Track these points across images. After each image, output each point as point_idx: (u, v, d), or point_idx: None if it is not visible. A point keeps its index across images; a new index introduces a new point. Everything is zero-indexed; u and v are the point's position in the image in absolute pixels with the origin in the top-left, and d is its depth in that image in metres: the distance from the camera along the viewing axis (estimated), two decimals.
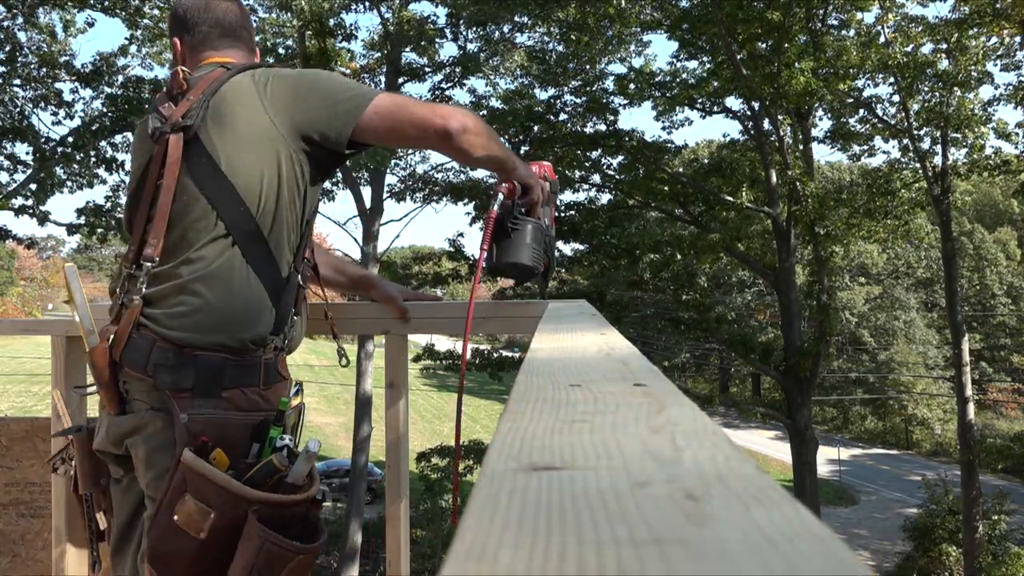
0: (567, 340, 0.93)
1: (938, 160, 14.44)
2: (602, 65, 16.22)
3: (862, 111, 15.15)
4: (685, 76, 15.22)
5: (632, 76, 14.76)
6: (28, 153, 12.67)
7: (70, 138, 12.72)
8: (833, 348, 25.95)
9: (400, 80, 15.37)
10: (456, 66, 14.85)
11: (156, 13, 12.46)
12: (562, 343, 0.90)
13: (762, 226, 15.14)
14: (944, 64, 13.56)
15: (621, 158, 14.94)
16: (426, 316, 1.81)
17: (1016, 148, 14.27)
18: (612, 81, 15.11)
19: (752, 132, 14.52)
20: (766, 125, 13.87)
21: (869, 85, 14.77)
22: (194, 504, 1.25)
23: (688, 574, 0.22)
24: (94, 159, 12.97)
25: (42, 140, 12.62)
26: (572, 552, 0.24)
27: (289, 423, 1.42)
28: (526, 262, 1.58)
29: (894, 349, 34.68)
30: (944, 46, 13.60)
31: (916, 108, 13.89)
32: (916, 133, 14.12)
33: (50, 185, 12.64)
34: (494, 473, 0.32)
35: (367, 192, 15.88)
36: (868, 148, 16.02)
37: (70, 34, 13.14)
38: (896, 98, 14.28)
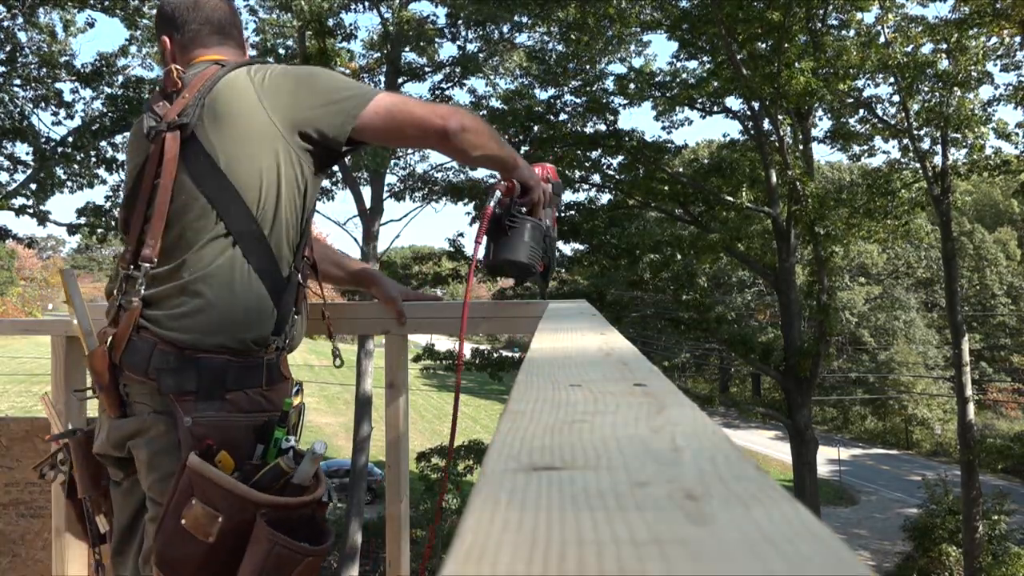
0: (567, 340, 0.93)
1: (938, 160, 14.44)
2: (602, 65, 16.23)
3: (862, 111, 15.15)
4: (685, 76, 15.22)
5: (632, 76, 14.76)
6: (28, 153, 12.70)
7: (70, 138, 12.73)
8: (833, 348, 25.96)
9: (400, 80, 15.37)
10: (456, 66, 14.85)
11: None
12: (562, 343, 0.89)
13: (762, 226, 15.14)
14: (944, 64, 13.56)
15: (621, 158, 14.94)
16: (426, 316, 1.81)
17: (1016, 148, 14.28)
18: (612, 81, 15.13)
19: (752, 132, 14.52)
20: (766, 125, 13.87)
21: (869, 85, 14.79)
22: (201, 508, 1.25)
23: (688, 574, 0.22)
24: (94, 159, 12.99)
25: (42, 140, 12.63)
26: (572, 552, 0.24)
27: (291, 423, 1.41)
28: (523, 260, 1.57)
29: (894, 349, 34.68)
30: (944, 46, 13.60)
31: (916, 108, 13.89)
32: (916, 133, 14.12)
33: (50, 185, 12.65)
34: (494, 473, 0.32)
35: (367, 192, 15.87)
36: (868, 148, 16.02)
37: (70, 34, 13.14)
38: (896, 98, 14.29)
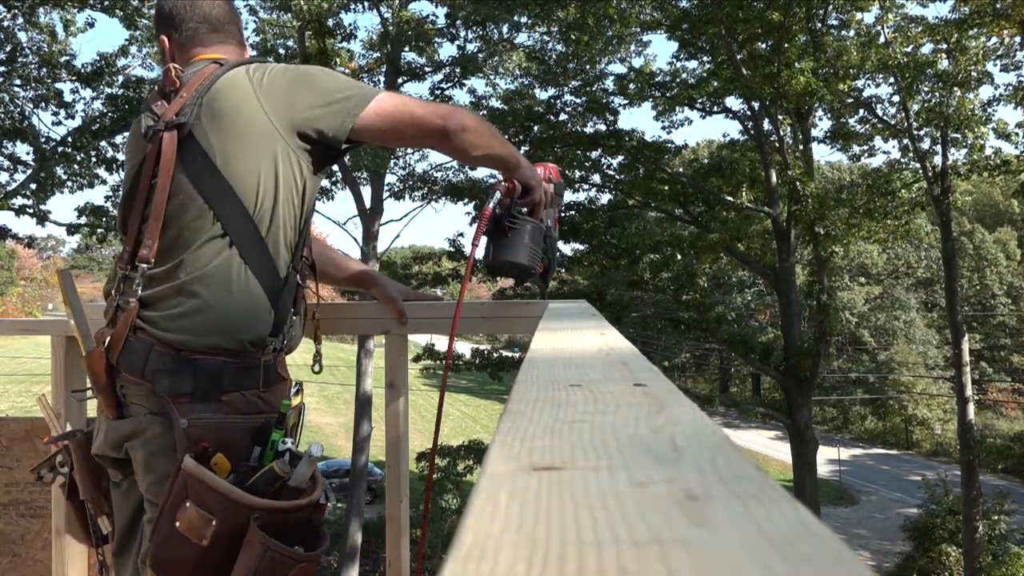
0: (567, 340, 0.92)
1: (938, 160, 14.44)
2: (602, 65, 16.24)
3: (862, 111, 15.15)
4: (685, 76, 15.22)
5: (632, 76, 14.76)
6: (28, 153, 12.71)
7: (70, 138, 12.73)
8: (833, 348, 25.95)
9: (400, 80, 15.37)
10: (456, 66, 14.85)
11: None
12: (562, 343, 0.89)
13: (762, 226, 15.14)
14: (944, 64, 13.55)
15: (621, 158, 14.94)
16: (426, 316, 1.81)
17: (1016, 148, 14.29)
18: (612, 81, 15.13)
19: (752, 132, 14.52)
20: (766, 125, 13.88)
21: (869, 85, 14.79)
22: (195, 511, 1.24)
23: (688, 574, 0.22)
24: (94, 159, 13.00)
25: (42, 140, 12.63)
26: (572, 552, 0.24)
27: (289, 424, 1.40)
28: (522, 261, 1.57)
29: (894, 349, 34.68)
30: (944, 46, 13.60)
31: (916, 108, 13.89)
32: (916, 133, 14.12)
33: (50, 185, 12.65)
34: (494, 473, 0.32)
35: (367, 192, 15.87)
36: (868, 148, 16.02)
37: (70, 33, 13.15)
38: (896, 98, 14.29)
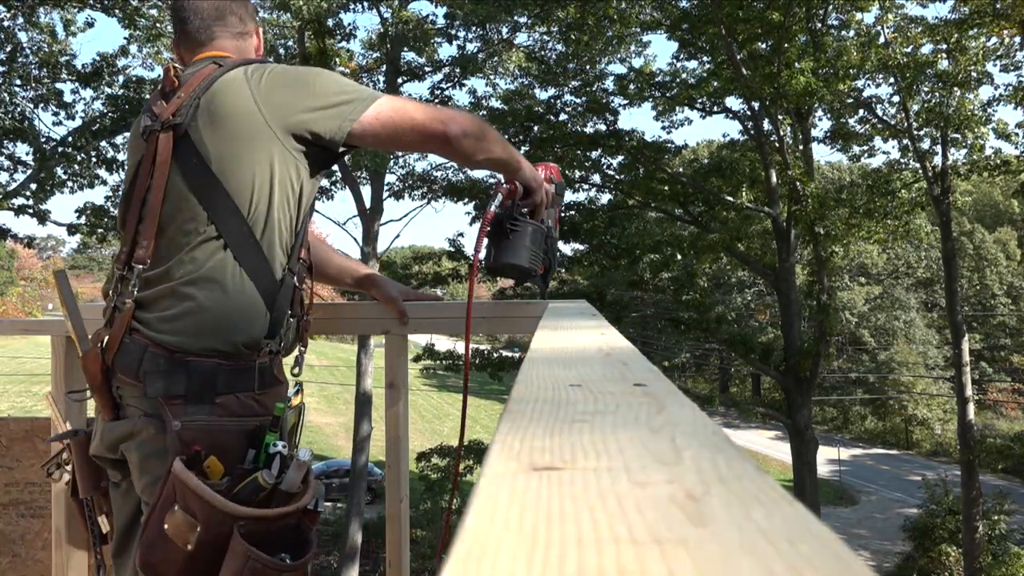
0: (567, 340, 0.93)
1: (938, 160, 14.44)
2: (602, 65, 16.24)
3: (862, 111, 15.14)
4: (685, 76, 15.23)
5: (632, 76, 14.77)
6: (28, 153, 12.70)
7: (70, 138, 12.73)
8: (833, 348, 25.96)
9: (399, 80, 15.37)
10: (455, 66, 14.84)
11: (154, 13, 12.46)
12: (562, 343, 0.89)
13: (762, 226, 15.14)
14: (944, 64, 13.56)
15: (621, 158, 14.95)
16: (426, 316, 1.81)
17: (1016, 148, 14.29)
18: (612, 81, 15.14)
19: (752, 132, 14.52)
20: (766, 125, 13.88)
21: (869, 85, 14.79)
22: (182, 516, 1.23)
23: (688, 574, 0.22)
24: (94, 159, 12.99)
25: (42, 140, 12.63)
26: (572, 552, 0.24)
27: (287, 426, 1.39)
28: (523, 264, 1.58)
29: (894, 349, 34.69)
30: (944, 46, 13.60)
31: (916, 108, 13.89)
32: (916, 133, 14.12)
33: (50, 185, 12.65)
34: (494, 473, 0.32)
35: (367, 192, 15.87)
36: (868, 148, 16.02)
37: (70, 33, 13.15)
38: (896, 98, 14.29)
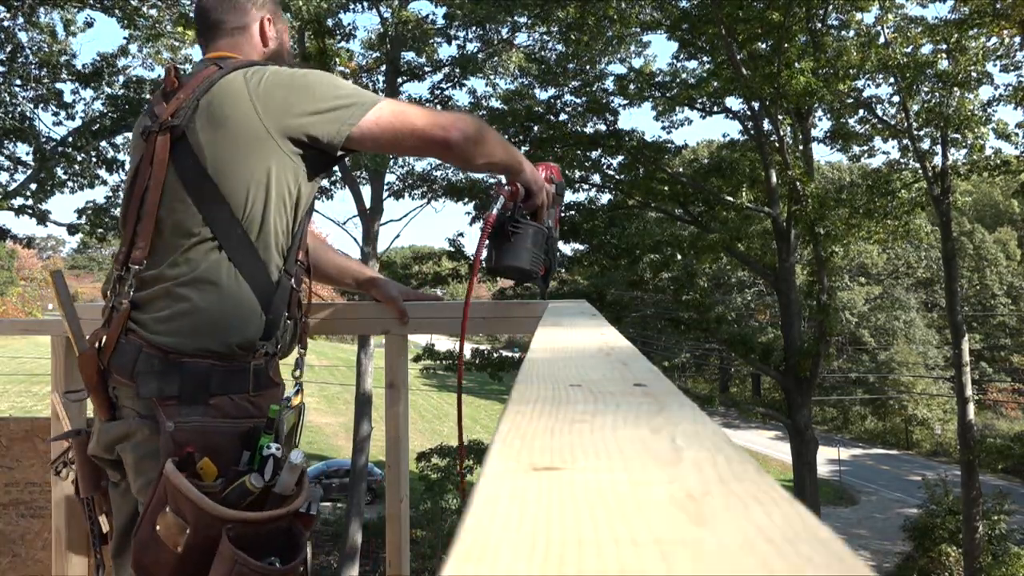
0: (567, 340, 0.93)
1: (938, 160, 14.44)
2: (602, 65, 16.24)
3: (862, 111, 15.14)
4: (685, 76, 15.23)
5: (632, 76, 14.76)
6: (28, 153, 12.70)
7: (70, 138, 12.73)
8: (833, 348, 25.95)
9: (399, 80, 15.37)
10: (455, 66, 14.84)
11: (154, 13, 12.46)
12: (562, 343, 0.89)
13: (762, 226, 15.14)
14: (944, 64, 13.55)
15: (621, 158, 14.95)
16: (426, 316, 1.81)
17: (1016, 148, 14.28)
18: (612, 81, 15.13)
19: (752, 132, 14.52)
20: (766, 125, 13.88)
21: (869, 85, 14.79)
22: (172, 518, 1.23)
23: (688, 574, 0.22)
24: (94, 159, 12.99)
25: (42, 140, 12.63)
26: (572, 552, 0.24)
27: (284, 428, 1.38)
28: (524, 266, 1.59)
29: (894, 349, 34.69)
30: (944, 46, 13.60)
31: (916, 108, 13.89)
32: (916, 133, 14.12)
33: (50, 185, 12.65)
34: (494, 473, 0.32)
35: (367, 192, 15.87)
36: (868, 148, 16.02)
37: (70, 33, 13.14)
38: (896, 98, 14.28)
